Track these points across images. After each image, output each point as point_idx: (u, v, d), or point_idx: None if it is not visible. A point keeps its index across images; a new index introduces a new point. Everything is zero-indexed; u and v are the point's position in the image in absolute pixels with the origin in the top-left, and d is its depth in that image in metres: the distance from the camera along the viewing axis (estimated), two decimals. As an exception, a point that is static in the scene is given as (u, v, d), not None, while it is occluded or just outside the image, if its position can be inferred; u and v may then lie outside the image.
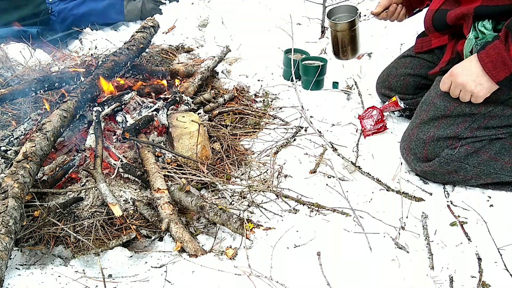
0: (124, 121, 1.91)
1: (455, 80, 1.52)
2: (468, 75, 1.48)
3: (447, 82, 1.56)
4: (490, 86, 1.46)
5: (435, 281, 1.28)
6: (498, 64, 1.41)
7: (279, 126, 2.09)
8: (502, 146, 1.58)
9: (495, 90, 1.47)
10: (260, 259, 1.31)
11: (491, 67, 1.43)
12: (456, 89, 1.55)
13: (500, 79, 1.43)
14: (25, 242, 1.48)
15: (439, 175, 1.64)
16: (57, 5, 3.05)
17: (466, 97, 1.54)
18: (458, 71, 1.51)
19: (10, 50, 2.63)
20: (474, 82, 1.48)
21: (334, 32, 2.06)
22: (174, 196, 1.61)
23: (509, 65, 1.39)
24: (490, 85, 1.46)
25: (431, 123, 1.63)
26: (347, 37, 2.05)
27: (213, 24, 3.08)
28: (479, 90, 1.48)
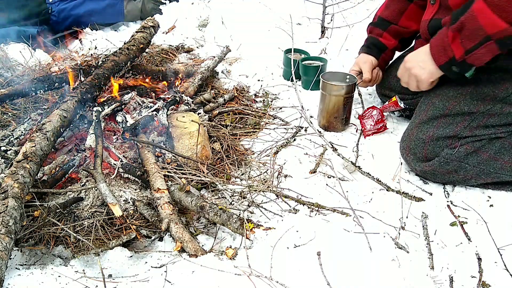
0: (124, 121, 1.91)
1: (404, 66, 1.65)
2: (415, 60, 1.60)
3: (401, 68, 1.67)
4: (433, 70, 1.55)
5: (435, 281, 1.28)
6: (440, 49, 1.50)
7: (279, 126, 2.09)
8: (501, 146, 1.58)
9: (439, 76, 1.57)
10: (260, 259, 1.31)
11: (435, 51, 1.52)
12: (405, 74, 1.66)
13: (441, 64, 1.51)
14: (25, 242, 1.48)
15: (439, 175, 1.64)
16: (57, 5, 3.05)
17: (412, 81, 1.64)
18: (408, 58, 1.64)
19: (10, 50, 2.63)
20: (418, 67, 1.58)
21: (329, 97, 1.98)
22: (174, 196, 1.61)
23: (448, 51, 1.46)
24: (434, 69, 1.55)
25: (430, 123, 1.63)
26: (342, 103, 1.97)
27: (213, 24, 3.08)
28: (422, 73, 1.58)
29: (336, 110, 1.99)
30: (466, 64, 1.46)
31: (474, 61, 1.45)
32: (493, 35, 1.35)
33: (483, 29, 1.35)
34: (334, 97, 1.97)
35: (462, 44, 1.43)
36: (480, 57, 1.43)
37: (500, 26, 1.32)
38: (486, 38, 1.37)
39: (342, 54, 2.68)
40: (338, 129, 2.03)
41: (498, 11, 1.30)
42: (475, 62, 1.45)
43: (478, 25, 1.36)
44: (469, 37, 1.40)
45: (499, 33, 1.33)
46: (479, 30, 1.37)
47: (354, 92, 1.99)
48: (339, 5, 2.98)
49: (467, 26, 1.39)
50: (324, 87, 1.99)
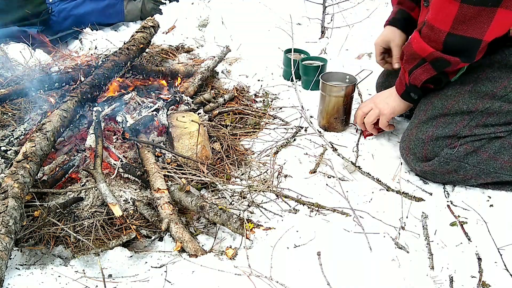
0: (124, 121, 1.91)
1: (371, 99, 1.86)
2: (382, 96, 1.81)
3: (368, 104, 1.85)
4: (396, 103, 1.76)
5: (435, 281, 1.28)
6: (399, 82, 1.72)
7: (279, 126, 2.09)
8: (501, 145, 1.58)
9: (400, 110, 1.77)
10: (260, 259, 1.31)
11: (397, 84, 1.74)
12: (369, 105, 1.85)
13: (401, 93, 1.72)
14: (25, 242, 1.48)
15: (439, 174, 1.64)
16: (57, 5, 3.05)
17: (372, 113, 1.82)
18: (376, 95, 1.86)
19: (10, 50, 2.63)
20: (383, 102, 1.79)
21: (329, 97, 1.98)
22: (174, 196, 1.61)
23: (402, 80, 1.69)
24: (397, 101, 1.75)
25: (429, 123, 1.63)
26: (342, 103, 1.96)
27: (213, 24, 3.08)
28: (385, 108, 1.78)
29: (336, 111, 1.99)
30: (412, 86, 1.66)
31: (414, 80, 1.62)
32: (426, 58, 1.54)
33: (417, 53, 1.56)
34: (334, 98, 1.97)
35: (405, 69, 1.64)
36: (418, 76, 1.60)
37: (428, 50, 1.51)
38: (422, 60, 1.56)
39: (342, 54, 2.68)
40: (338, 129, 2.03)
41: (426, 39, 1.51)
42: (415, 81, 1.62)
43: (413, 50, 1.57)
44: (408, 61, 1.61)
45: (429, 56, 1.52)
46: (414, 54, 1.57)
47: (354, 92, 1.99)
48: (339, 5, 2.98)
49: (406, 52, 1.61)
50: (324, 88, 1.99)
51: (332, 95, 1.97)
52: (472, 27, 1.40)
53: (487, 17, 1.38)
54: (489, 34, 1.42)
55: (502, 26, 1.43)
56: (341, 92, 1.95)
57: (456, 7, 1.38)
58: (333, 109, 1.99)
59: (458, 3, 1.37)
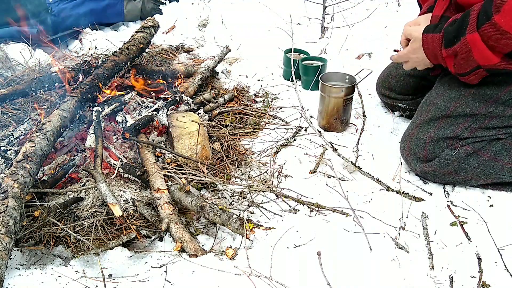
0: (124, 121, 1.91)
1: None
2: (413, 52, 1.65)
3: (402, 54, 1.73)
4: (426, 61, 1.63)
5: (435, 281, 1.28)
6: (433, 55, 1.57)
7: (279, 126, 2.09)
8: (502, 147, 1.58)
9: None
10: (260, 259, 1.31)
11: (428, 53, 1.58)
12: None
13: (434, 63, 1.61)
14: (25, 242, 1.48)
15: (439, 175, 1.64)
16: (57, 5, 3.05)
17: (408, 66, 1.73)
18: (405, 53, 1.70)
19: (10, 50, 2.63)
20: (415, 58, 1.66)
21: (328, 98, 1.98)
22: (174, 196, 1.61)
23: (440, 60, 1.55)
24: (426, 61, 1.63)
25: (431, 123, 1.63)
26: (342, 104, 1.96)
27: (213, 24, 3.08)
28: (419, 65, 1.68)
29: (335, 112, 1.99)
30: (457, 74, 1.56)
31: (465, 80, 1.55)
32: (484, 66, 1.44)
33: (476, 61, 1.44)
34: (334, 99, 1.97)
35: (455, 67, 1.52)
36: (470, 80, 1.53)
37: (493, 60, 1.40)
38: (477, 67, 1.46)
39: (342, 54, 2.68)
40: (338, 129, 2.03)
41: (491, 44, 1.37)
42: (468, 81, 1.55)
43: (472, 57, 1.44)
44: (462, 65, 1.49)
45: (490, 66, 1.43)
46: (472, 61, 1.45)
47: (353, 93, 1.99)
48: (339, 5, 2.98)
49: (461, 56, 1.47)
50: (323, 89, 1.99)
51: (332, 96, 1.97)
52: None
53: None
54: None
55: None
56: (340, 93, 1.95)
57: None
58: (332, 110, 1.99)
59: None
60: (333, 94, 1.96)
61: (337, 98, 1.96)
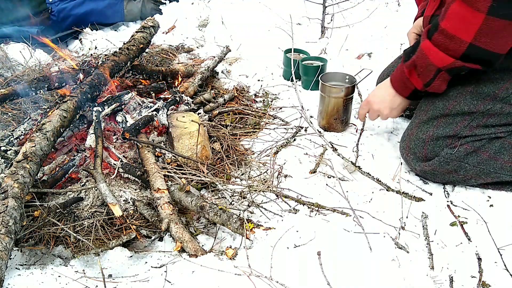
0: (124, 121, 1.91)
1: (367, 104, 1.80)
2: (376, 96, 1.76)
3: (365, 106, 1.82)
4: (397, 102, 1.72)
5: (435, 281, 1.28)
6: (401, 84, 1.67)
7: (279, 126, 2.09)
8: (501, 145, 1.58)
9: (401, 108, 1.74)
10: (260, 259, 1.31)
11: (397, 86, 1.69)
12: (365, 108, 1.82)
13: (406, 95, 1.68)
14: (25, 242, 1.48)
15: (439, 174, 1.64)
16: (57, 5, 3.05)
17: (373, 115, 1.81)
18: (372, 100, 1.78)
19: (10, 50, 2.63)
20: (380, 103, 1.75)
21: (328, 98, 1.98)
22: (174, 196, 1.61)
23: (408, 84, 1.63)
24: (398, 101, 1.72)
25: (430, 122, 1.63)
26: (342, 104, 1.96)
27: (213, 24, 3.08)
28: (384, 109, 1.75)
29: (335, 112, 1.99)
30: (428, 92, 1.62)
31: (434, 90, 1.60)
32: (443, 67, 1.50)
33: (434, 65, 1.51)
34: (334, 99, 1.97)
35: (419, 77, 1.59)
36: (438, 87, 1.58)
37: (448, 60, 1.46)
38: (438, 70, 1.52)
39: (342, 54, 2.68)
40: (338, 129, 2.03)
41: (442, 48, 1.46)
42: (435, 91, 1.60)
43: (429, 62, 1.51)
44: (423, 73, 1.56)
45: (448, 66, 1.48)
46: (430, 66, 1.52)
47: (353, 93, 1.99)
48: (339, 5, 2.98)
49: (419, 64, 1.55)
50: (323, 89, 1.99)
51: (332, 96, 1.96)
52: (496, 41, 1.38)
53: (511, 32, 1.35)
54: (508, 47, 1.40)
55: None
56: (340, 93, 1.95)
57: (481, 18, 1.34)
58: (332, 110, 1.99)
59: (484, 14, 1.33)
60: (333, 94, 1.96)
61: (337, 98, 1.96)
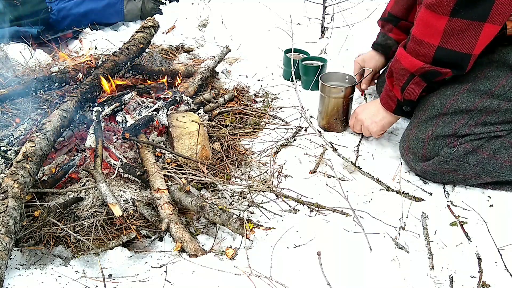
0: (124, 121, 1.91)
1: (356, 118, 1.87)
2: (366, 114, 1.82)
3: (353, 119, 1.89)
4: (385, 121, 1.78)
5: (435, 281, 1.28)
6: (387, 99, 1.72)
7: (279, 126, 2.09)
8: (501, 145, 1.58)
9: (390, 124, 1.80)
10: (260, 259, 1.31)
11: (384, 102, 1.74)
12: (357, 125, 1.88)
13: (392, 110, 1.73)
14: (25, 242, 1.48)
15: (439, 174, 1.64)
16: (56, 4, 3.05)
17: (364, 131, 1.86)
18: (359, 111, 1.86)
19: (10, 50, 2.63)
20: (369, 120, 1.80)
21: (328, 98, 1.98)
22: (174, 196, 1.61)
23: (392, 96, 1.69)
24: (387, 119, 1.78)
25: (429, 122, 1.63)
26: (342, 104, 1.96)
27: (213, 24, 3.08)
28: (373, 127, 1.80)
29: (335, 112, 1.99)
30: (406, 101, 1.66)
31: (409, 96, 1.64)
32: (416, 72, 1.56)
33: (406, 69, 1.58)
34: (333, 99, 1.97)
35: (396, 84, 1.65)
36: (411, 91, 1.62)
37: (418, 64, 1.54)
38: (411, 75, 1.58)
39: (342, 54, 2.68)
40: (338, 130, 2.03)
41: (413, 54, 1.54)
42: (411, 97, 1.64)
43: (402, 67, 1.59)
44: (398, 78, 1.63)
45: (419, 70, 1.55)
46: (403, 70, 1.59)
47: (353, 93, 1.99)
48: (339, 5, 2.97)
49: (395, 69, 1.63)
50: (323, 89, 1.99)
51: (332, 96, 1.96)
52: (461, 41, 1.44)
53: (474, 32, 1.41)
54: (478, 48, 1.45)
55: (489, 40, 1.45)
56: (340, 93, 1.95)
57: (444, 21, 1.42)
58: (332, 110, 1.99)
59: (447, 17, 1.41)
60: (333, 95, 1.96)
61: (337, 98, 1.96)
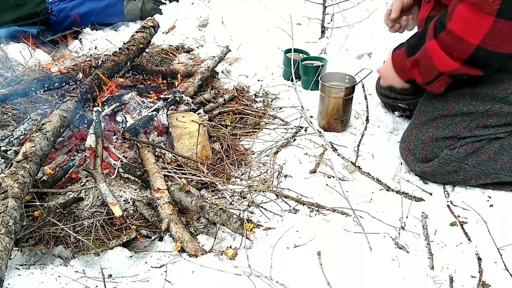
0: (124, 121, 1.91)
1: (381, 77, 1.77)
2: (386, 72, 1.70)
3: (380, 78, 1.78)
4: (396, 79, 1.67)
5: (435, 281, 1.28)
6: (402, 70, 1.63)
7: (279, 126, 2.09)
8: (501, 146, 1.58)
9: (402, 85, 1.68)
10: (260, 259, 1.31)
11: (398, 70, 1.64)
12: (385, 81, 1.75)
13: (405, 80, 1.65)
14: (25, 242, 1.48)
15: (439, 175, 1.64)
16: (56, 4, 3.05)
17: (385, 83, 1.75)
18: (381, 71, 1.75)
19: (10, 50, 2.63)
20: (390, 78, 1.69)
21: (328, 99, 1.98)
22: (174, 196, 1.61)
23: (409, 74, 1.60)
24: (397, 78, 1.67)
25: (429, 123, 1.63)
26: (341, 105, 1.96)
27: (213, 24, 3.08)
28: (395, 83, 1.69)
29: (335, 112, 1.99)
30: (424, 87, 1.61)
31: (432, 91, 1.60)
32: (446, 72, 1.48)
33: (437, 68, 1.48)
34: (333, 99, 1.97)
35: (420, 75, 1.57)
36: (436, 89, 1.58)
37: (453, 66, 1.44)
38: (440, 74, 1.50)
39: (342, 54, 2.68)
40: (338, 130, 2.03)
41: (448, 49, 1.42)
42: (433, 91, 1.60)
43: (433, 65, 1.48)
44: (425, 73, 1.54)
45: (452, 71, 1.46)
46: (433, 69, 1.49)
47: (353, 93, 1.99)
48: (339, 5, 2.97)
49: (423, 64, 1.52)
50: (323, 90, 1.99)
51: (332, 96, 1.96)
52: (504, 43, 1.36)
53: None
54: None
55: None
56: (340, 94, 1.95)
57: (490, 21, 1.32)
58: (332, 110, 1.99)
59: (493, 17, 1.31)
60: (333, 95, 1.96)
61: (337, 98, 1.96)
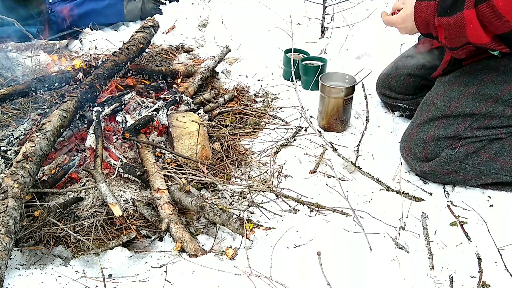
0: (124, 121, 1.91)
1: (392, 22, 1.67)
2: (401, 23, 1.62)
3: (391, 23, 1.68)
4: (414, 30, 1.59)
5: (435, 281, 1.28)
6: (424, 23, 1.52)
7: (279, 126, 2.09)
8: (502, 146, 1.58)
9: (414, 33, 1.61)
10: (260, 259, 1.31)
11: (419, 22, 1.53)
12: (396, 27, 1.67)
13: (423, 33, 1.57)
14: (25, 242, 1.48)
15: (439, 175, 1.64)
16: (57, 5, 3.05)
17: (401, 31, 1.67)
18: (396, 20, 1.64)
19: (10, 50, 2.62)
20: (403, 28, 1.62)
21: (328, 99, 1.97)
22: (174, 196, 1.61)
23: (432, 29, 1.51)
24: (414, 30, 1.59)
25: (431, 123, 1.63)
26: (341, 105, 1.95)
27: (213, 24, 3.08)
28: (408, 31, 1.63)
29: (335, 112, 1.99)
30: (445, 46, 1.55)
31: (454, 55, 1.57)
32: (474, 44, 1.43)
33: (467, 38, 1.42)
34: (333, 100, 1.97)
35: (445, 39, 1.49)
36: (458, 55, 1.54)
37: (484, 39, 1.39)
38: (467, 43, 1.44)
39: (342, 54, 2.68)
40: (338, 130, 2.03)
41: (485, 23, 1.36)
42: (455, 55, 1.56)
43: (464, 34, 1.41)
44: (453, 39, 1.46)
45: (480, 44, 1.42)
46: (463, 38, 1.43)
47: (353, 93, 1.99)
48: (339, 5, 2.97)
49: (454, 29, 1.43)
50: (323, 90, 1.99)
51: (332, 96, 1.96)
52: None
53: None
54: None
55: None
56: (340, 94, 1.95)
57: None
58: (332, 110, 1.99)
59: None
60: (333, 95, 1.96)
61: (337, 98, 1.96)
